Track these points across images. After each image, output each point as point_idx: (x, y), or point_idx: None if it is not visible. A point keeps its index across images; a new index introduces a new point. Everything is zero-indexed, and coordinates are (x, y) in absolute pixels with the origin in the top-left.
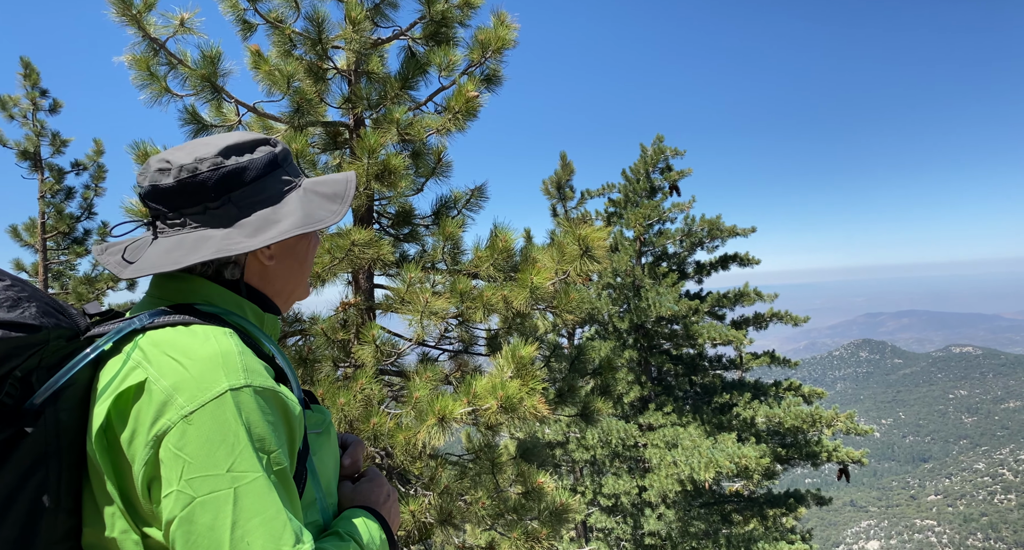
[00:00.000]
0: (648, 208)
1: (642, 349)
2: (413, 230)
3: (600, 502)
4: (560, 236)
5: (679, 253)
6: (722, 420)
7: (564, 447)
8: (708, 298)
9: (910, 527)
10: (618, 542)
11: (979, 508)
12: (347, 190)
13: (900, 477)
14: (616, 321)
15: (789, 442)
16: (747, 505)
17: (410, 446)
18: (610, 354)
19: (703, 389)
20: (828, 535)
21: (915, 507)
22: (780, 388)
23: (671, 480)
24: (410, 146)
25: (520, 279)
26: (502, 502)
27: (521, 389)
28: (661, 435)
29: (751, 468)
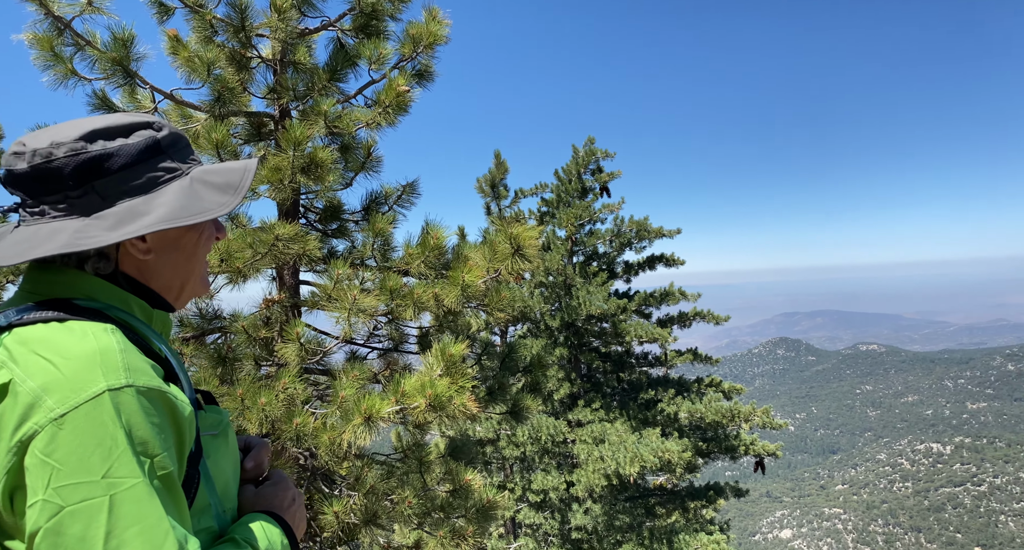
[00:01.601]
0: (580, 208)
1: (573, 347)
2: (342, 225)
3: (529, 498)
4: (492, 234)
5: (609, 253)
6: (647, 416)
7: (495, 444)
8: (636, 297)
9: (819, 515)
10: (546, 537)
11: (880, 496)
12: (243, 180)
13: (811, 468)
14: (548, 319)
15: (710, 436)
16: (670, 498)
17: (335, 446)
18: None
19: (630, 385)
20: (746, 525)
21: (824, 496)
22: (702, 384)
23: (598, 475)
24: (339, 139)
25: (452, 277)
26: (429, 501)
27: (450, 387)
28: (589, 431)
29: (674, 462)
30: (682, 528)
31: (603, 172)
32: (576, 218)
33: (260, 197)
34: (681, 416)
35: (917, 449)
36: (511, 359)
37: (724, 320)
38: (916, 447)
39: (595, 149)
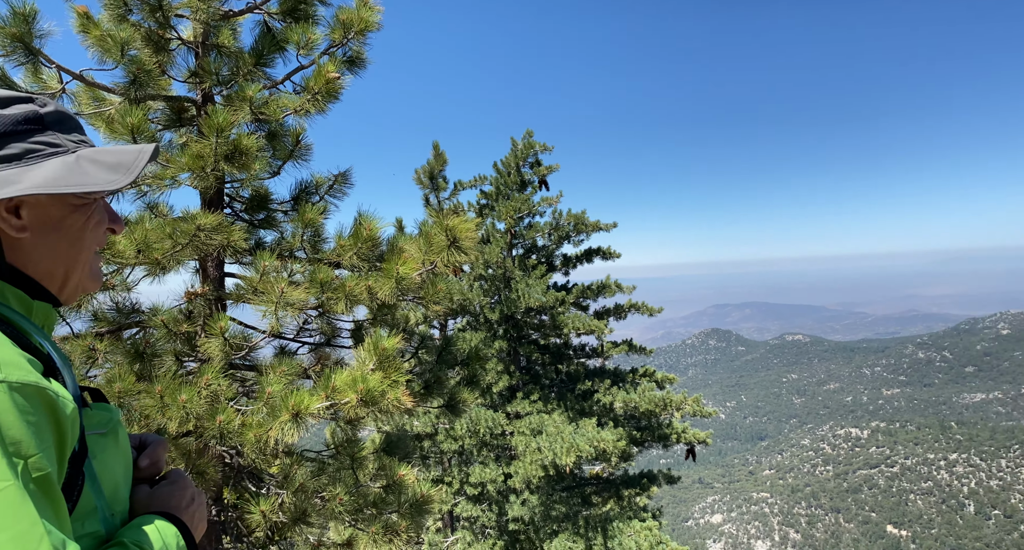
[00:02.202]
0: (519, 201)
1: (512, 339)
2: (269, 216)
3: (467, 491)
4: (428, 226)
5: (547, 246)
6: (584, 406)
7: (433, 439)
8: (574, 290)
9: (748, 500)
10: (483, 529)
11: (804, 479)
12: (137, 161)
13: (741, 455)
14: (487, 312)
15: (644, 425)
16: (605, 487)
17: (261, 444)
18: (479, 345)
19: (568, 377)
20: (679, 511)
21: (753, 482)
22: (637, 374)
23: (535, 466)
24: (266, 126)
25: (386, 269)
26: (362, 497)
27: (384, 382)
28: (527, 423)
29: (609, 451)
30: (616, 516)
31: (542, 165)
32: (515, 211)
33: (181, 185)
34: (616, 406)
35: (838, 434)
36: (448, 352)
37: (658, 312)
38: (837, 432)
39: (533, 142)
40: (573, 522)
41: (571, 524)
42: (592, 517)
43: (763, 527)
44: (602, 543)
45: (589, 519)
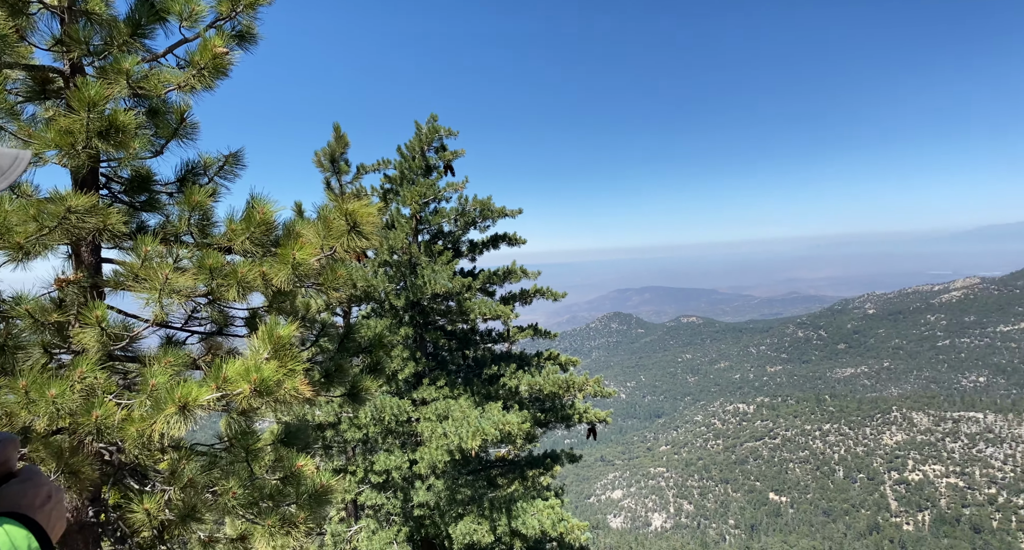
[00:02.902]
0: (424, 186)
1: (418, 326)
2: (152, 198)
3: (371, 479)
4: (327, 210)
5: (454, 232)
6: (490, 390)
7: (336, 428)
8: (480, 276)
9: (646, 475)
10: (388, 517)
11: (696, 453)
12: (12, 167)
13: (640, 432)
14: (393, 299)
15: (548, 407)
16: (511, 468)
17: (144, 438)
18: (383, 331)
19: (475, 362)
20: (582, 489)
21: (650, 457)
22: (541, 358)
23: (441, 451)
24: (146, 102)
25: (282, 254)
26: (257, 490)
27: (279, 371)
28: (434, 409)
29: (514, 433)
30: (520, 496)
31: (447, 150)
32: (420, 196)
33: (47, 163)
34: (522, 389)
35: (727, 409)
36: (350, 340)
37: (562, 296)
38: (726, 408)
39: (438, 127)
40: (478, 504)
41: (476, 507)
42: (497, 499)
43: (659, 500)
44: (506, 523)
45: (494, 501)
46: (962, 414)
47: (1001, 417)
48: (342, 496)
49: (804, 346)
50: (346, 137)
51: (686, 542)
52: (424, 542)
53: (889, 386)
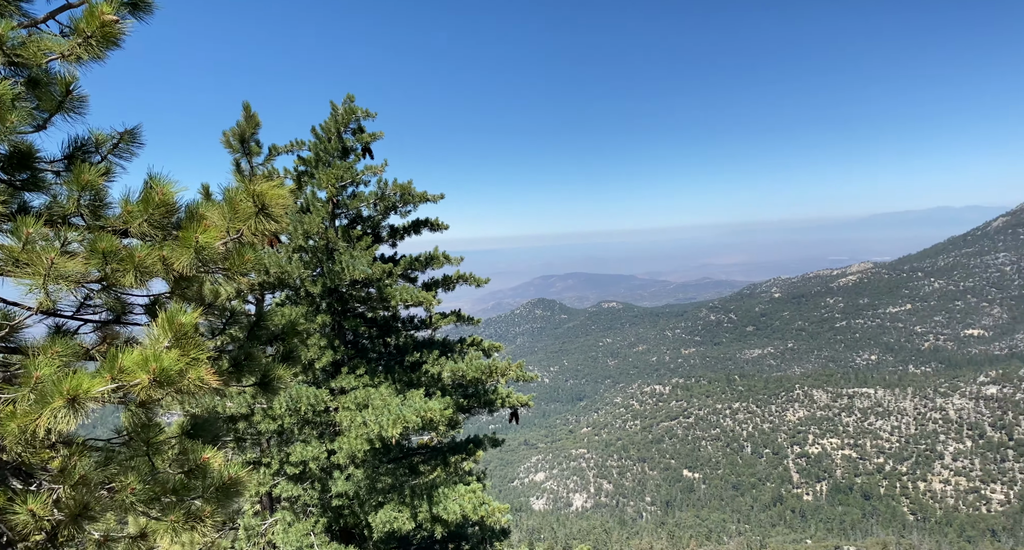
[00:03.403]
0: (341, 169)
1: (336, 313)
2: (35, 176)
3: (287, 471)
4: (233, 192)
5: (373, 217)
6: (412, 378)
7: (249, 419)
8: (402, 261)
9: (568, 457)
10: (305, 508)
11: (616, 434)
12: None
13: (563, 415)
14: (309, 285)
15: (471, 393)
16: (433, 455)
17: (27, 434)
18: (295, 318)
19: (397, 349)
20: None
21: (572, 439)
22: (465, 344)
23: (361, 440)
24: (25, 72)
25: (184, 238)
26: (160, 485)
27: (181, 360)
28: (353, 397)
29: (436, 420)
30: (442, 482)
31: (364, 132)
32: (337, 179)
33: None
34: (445, 376)
35: (645, 391)
36: (261, 328)
37: (485, 282)
38: (644, 389)
39: (355, 108)
40: (399, 492)
41: (397, 495)
42: (419, 486)
43: (580, 481)
44: (427, 509)
45: (415, 488)
46: (856, 390)
47: (889, 392)
48: (256, 489)
49: (716, 329)
50: (257, 116)
51: (605, 520)
52: (343, 532)
53: (792, 365)
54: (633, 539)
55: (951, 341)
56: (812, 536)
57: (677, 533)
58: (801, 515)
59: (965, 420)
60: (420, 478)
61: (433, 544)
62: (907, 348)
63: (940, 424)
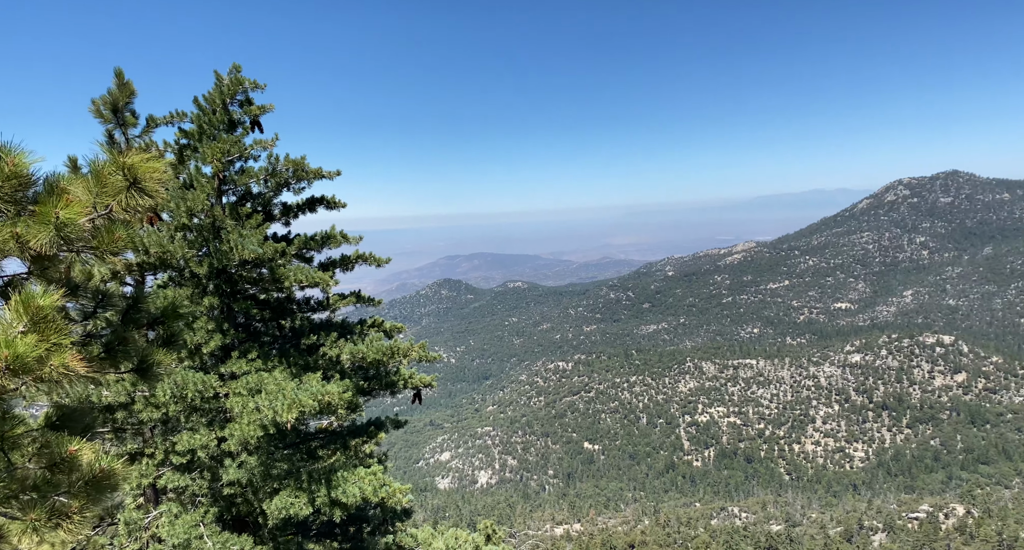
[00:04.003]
0: (227, 143)
1: (225, 295)
2: None
3: (173, 461)
4: (101, 165)
5: (264, 194)
6: (309, 361)
7: (129, 408)
8: (296, 241)
9: (473, 435)
10: (194, 498)
11: (521, 411)
12: None
13: (469, 395)
14: (194, 266)
15: (372, 375)
16: (332, 439)
17: None
18: (176, 301)
19: (292, 332)
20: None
21: (478, 418)
22: (365, 326)
23: (254, 426)
24: None
25: (41, 213)
26: (16, 482)
27: (40, 346)
28: (245, 382)
29: (335, 404)
30: (342, 466)
31: (253, 104)
32: (223, 153)
33: None
34: (344, 358)
35: (548, 368)
36: (138, 310)
37: (386, 262)
38: (548, 366)
39: (242, 78)
40: (296, 478)
41: (294, 480)
42: (317, 470)
43: (486, 458)
44: (325, 494)
45: (313, 473)
46: (740, 361)
47: (769, 362)
48: (137, 481)
49: (615, 306)
50: (131, 84)
51: (510, 495)
52: (236, 521)
53: (684, 339)
54: (536, 511)
55: (823, 314)
56: (701, 500)
57: (578, 503)
58: (691, 480)
59: (834, 386)
60: (319, 463)
61: (333, 528)
62: (785, 321)
63: (813, 390)
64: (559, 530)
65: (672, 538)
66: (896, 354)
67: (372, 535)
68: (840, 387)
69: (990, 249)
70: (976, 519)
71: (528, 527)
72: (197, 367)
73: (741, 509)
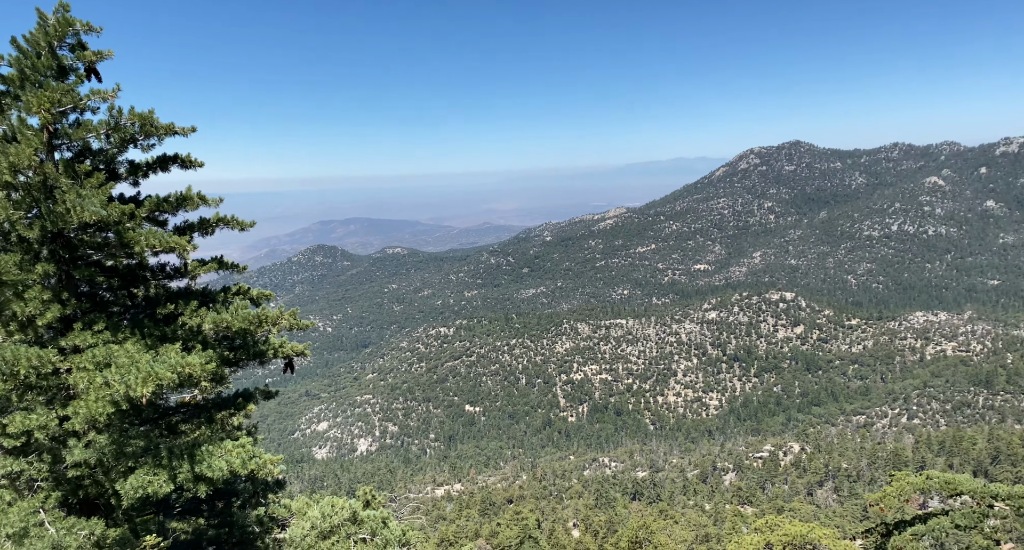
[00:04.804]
0: (58, 91)
1: (63, 262)
2: None
3: (5, 444)
4: None
5: (107, 150)
6: (166, 331)
7: None
8: (146, 202)
9: (353, 404)
10: (31, 483)
11: (402, 377)
12: None
13: (347, 363)
14: (22, 229)
15: (238, 344)
16: (196, 413)
17: None
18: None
19: (146, 301)
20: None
21: (357, 386)
22: (229, 293)
23: (103, 403)
24: None
25: None
26: None
27: None
28: (91, 356)
29: (196, 375)
30: (207, 439)
31: (88, 50)
32: (53, 103)
33: None
34: (206, 328)
35: (430, 334)
36: None
37: (250, 226)
38: (429, 332)
39: (72, 19)
40: (155, 455)
41: (152, 457)
42: (178, 446)
43: (366, 426)
44: (189, 469)
45: (174, 449)
46: (612, 321)
47: (637, 321)
48: None
49: (496, 272)
50: None
51: (390, 461)
52: (84, 504)
53: (561, 302)
54: (418, 475)
55: (684, 275)
56: (575, 453)
57: (458, 464)
58: (566, 435)
59: (693, 342)
60: (181, 438)
61: (199, 504)
62: (652, 282)
63: (675, 346)
64: (440, 491)
65: (548, 490)
66: (746, 310)
67: (242, 509)
68: (699, 342)
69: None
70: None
71: (409, 491)
72: (31, 341)
73: (611, 459)
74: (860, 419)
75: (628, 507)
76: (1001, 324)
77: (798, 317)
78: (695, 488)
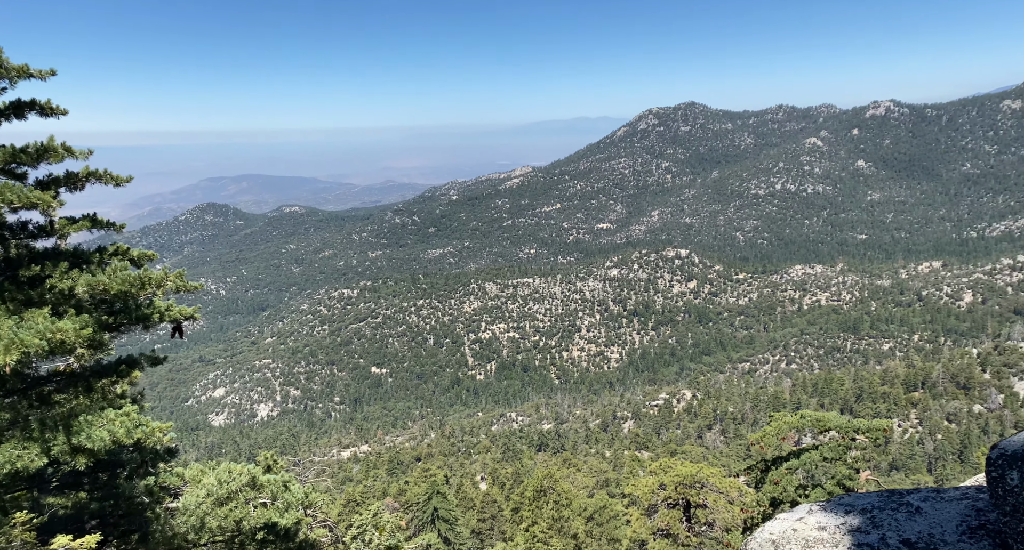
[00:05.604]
0: None
1: None
2: None
3: None
4: None
5: None
6: (32, 295)
7: None
8: (1, 152)
9: (251, 369)
10: None
11: (303, 341)
12: None
13: (244, 327)
14: None
15: (118, 309)
16: (72, 382)
17: None
18: None
19: (7, 263)
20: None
21: (255, 351)
22: (105, 254)
23: None
24: None
25: None
26: None
27: None
28: None
29: (70, 342)
30: (85, 409)
31: None
32: None
33: None
34: (80, 291)
35: (332, 296)
36: None
37: (126, 181)
38: (332, 294)
39: None
40: (25, 427)
41: (21, 430)
42: (52, 417)
43: (265, 391)
44: (64, 441)
45: (47, 420)
46: (519, 280)
47: (543, 280)
48: None
49: (401, 231)
50: None
51: (293, 425)
52: None
53: (469, 262)
54: (322, 438)
55: (588, 234)
56: (483, 409)
57: (365, 426)
58: (475, 393)
59: (596, 298)
60: (55, 409)
61: (80, 477)
62: (557, 242)
63: (579, 303)
64: (347, 453)
65: (457, 447)
66: (645, 267)
67: (129, 480)
68: (601, 299)
69: (717, 173)
70: (699, 401)
71: (314, 454)
72: None
73: (518, 414)
74: (745, 366)
75: (534, 458)
76: (867, 275)
77: (692, 273)
78: (597, 437)
